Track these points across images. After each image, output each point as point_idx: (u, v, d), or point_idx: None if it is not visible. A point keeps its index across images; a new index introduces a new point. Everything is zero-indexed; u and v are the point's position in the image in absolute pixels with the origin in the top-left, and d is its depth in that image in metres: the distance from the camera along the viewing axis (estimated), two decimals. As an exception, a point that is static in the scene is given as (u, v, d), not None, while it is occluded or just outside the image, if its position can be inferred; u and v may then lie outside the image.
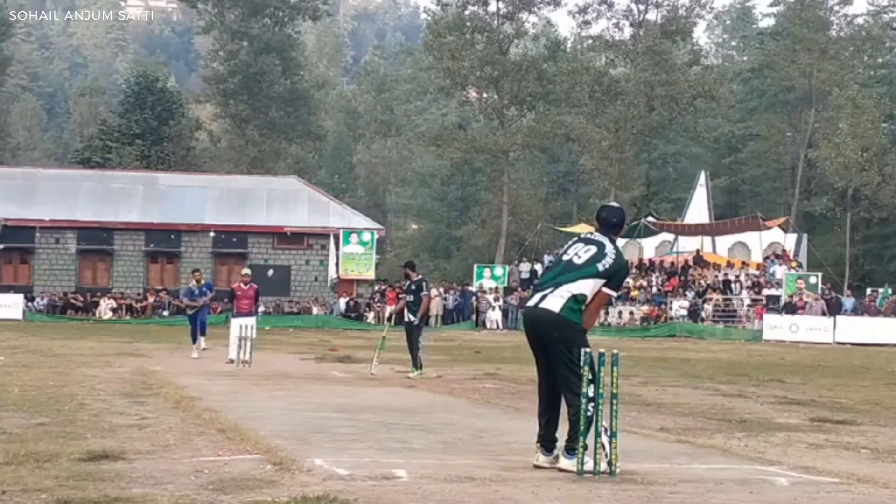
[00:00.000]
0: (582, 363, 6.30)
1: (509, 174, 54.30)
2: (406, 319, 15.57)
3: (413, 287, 15.51)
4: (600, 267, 6.48)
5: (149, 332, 30.94)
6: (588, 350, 6.35)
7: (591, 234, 6.80)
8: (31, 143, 79.32)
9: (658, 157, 62.00)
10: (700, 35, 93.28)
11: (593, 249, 6.56)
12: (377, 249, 46.00)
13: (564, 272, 6.53)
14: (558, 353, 6.40)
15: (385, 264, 56.43)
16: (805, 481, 6.47)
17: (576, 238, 6.84)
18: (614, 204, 7.10)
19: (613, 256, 6.54)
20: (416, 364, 15.23)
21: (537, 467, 6.58)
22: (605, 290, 6.52)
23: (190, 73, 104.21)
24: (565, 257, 6.64)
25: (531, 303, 6.63)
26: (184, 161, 57.31)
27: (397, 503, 5.34)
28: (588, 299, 6.49)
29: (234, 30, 60.89)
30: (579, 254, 6.57)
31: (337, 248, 43.23)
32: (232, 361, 16.76)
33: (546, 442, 6.60)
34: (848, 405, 12.40)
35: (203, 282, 20.34)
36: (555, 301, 6.44)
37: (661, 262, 43.39)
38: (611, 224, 6.77)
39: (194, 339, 19.59)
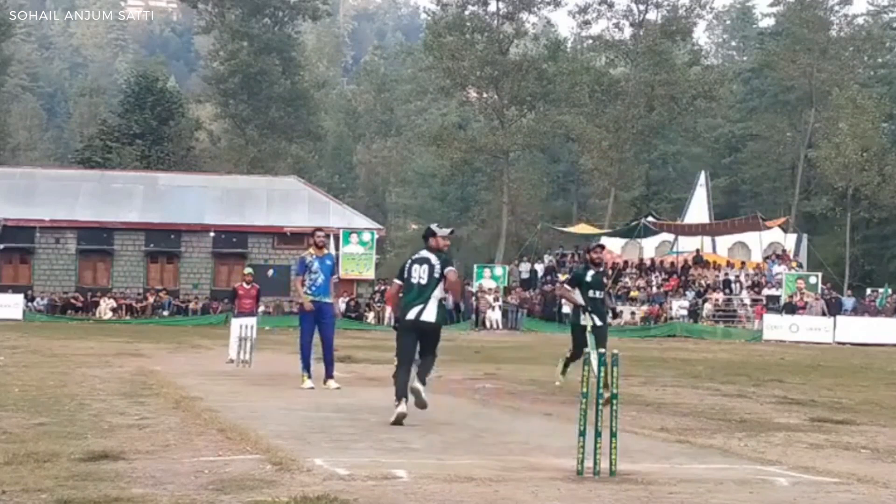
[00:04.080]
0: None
1: (509, 174, 54.29)
2: None
3: None
4: (437, 274, 8.99)
5: (149, 332, 30.91)
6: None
7: (419, 254, 9.18)
8: (31, 143, 79.14)
9: (658, 157, 61.92)
10: (700, 35, 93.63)
11: (426, 267, 9.02)
12: (377, 249, 45.99)
13: (423, 291, 8.96)
14: (434, 342, 9.13)
15: (385, 264, 56.39)
16: (805, 481, 6.46)
17: (410, 260, 9.18)
18: (431, 226, 9.38)
19: (437, 261, 9.03)
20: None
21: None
22: (447, 272, 8.97)
23: (190, 73, 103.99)
24: (413, 280, 9.02)
25: (411, 316, 8.95)
26: (184, 161, 57.24)
27: (397, 503, 5.34)
28: (445, 292, 9.04)
29: (234, 30, 60.87)
30: (421, 275, 9.00)
31: (337, 248, 43.22)
32: (232, 361, 16.78)
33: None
34: (848, 405, 12.39)
35: (327, 251, 12.84)
36: (431, 312, 8.95)
37: (661, 262, 43.36)
38: (425, 239, 9.23)
39: (307, 363, 12.54)
